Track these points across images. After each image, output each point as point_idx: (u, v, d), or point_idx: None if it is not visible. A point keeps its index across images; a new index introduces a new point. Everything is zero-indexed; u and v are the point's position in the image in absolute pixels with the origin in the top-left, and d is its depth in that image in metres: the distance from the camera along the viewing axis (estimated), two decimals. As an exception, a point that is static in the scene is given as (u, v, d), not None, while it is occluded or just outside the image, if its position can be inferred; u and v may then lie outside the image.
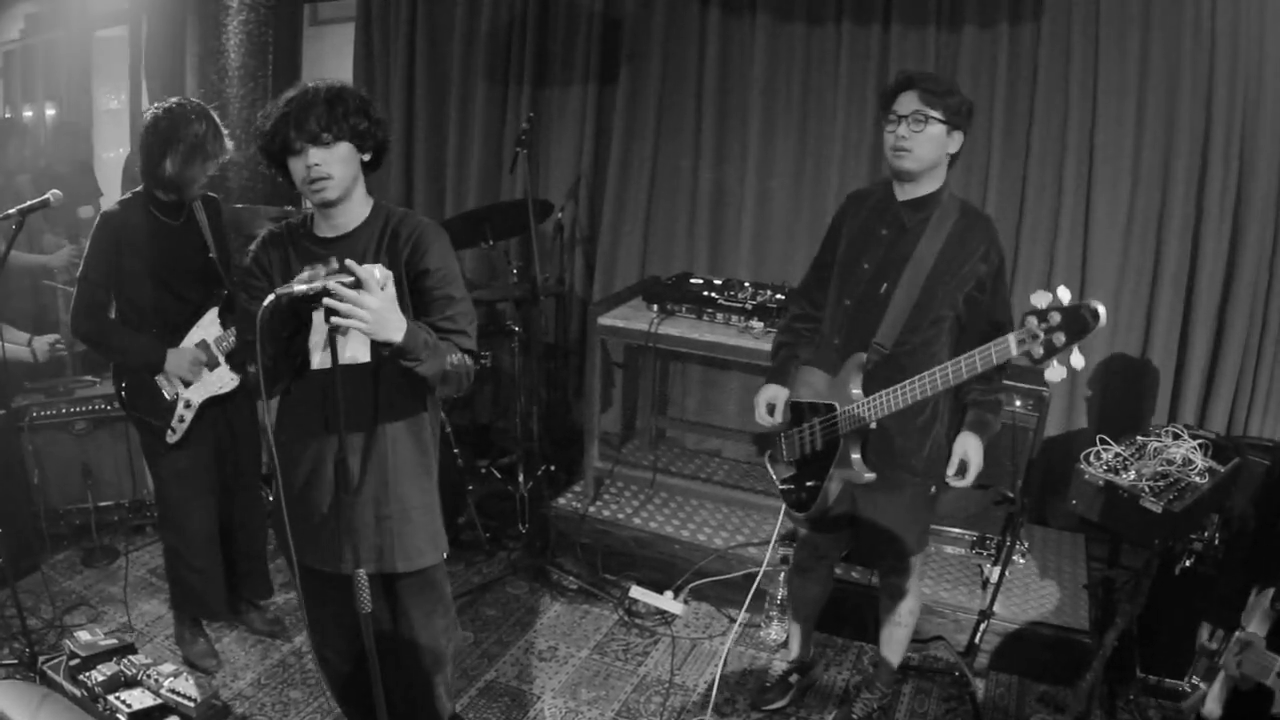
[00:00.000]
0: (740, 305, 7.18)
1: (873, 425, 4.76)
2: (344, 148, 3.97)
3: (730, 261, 8.52)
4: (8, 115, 14.83)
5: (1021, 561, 6.86)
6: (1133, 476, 5.39)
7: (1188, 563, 5.51)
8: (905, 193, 4.77)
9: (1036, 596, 6.51)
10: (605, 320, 7.46)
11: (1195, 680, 5.03)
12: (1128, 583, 5.97)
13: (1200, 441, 5.60)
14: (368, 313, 3.54)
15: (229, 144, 5.50)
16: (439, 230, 4.16)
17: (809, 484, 5.11)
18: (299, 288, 3.55)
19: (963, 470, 4.80)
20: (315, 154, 3.91)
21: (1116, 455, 5.61)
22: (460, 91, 9.34)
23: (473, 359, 4.06)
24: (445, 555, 4.46)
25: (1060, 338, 3.73)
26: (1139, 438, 5.77)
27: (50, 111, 14.19)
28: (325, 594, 4.33)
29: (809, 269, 5.38)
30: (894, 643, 5.54)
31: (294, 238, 4.20)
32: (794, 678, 5.92)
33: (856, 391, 4.76)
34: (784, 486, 5.32)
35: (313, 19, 10.45)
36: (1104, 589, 6.36)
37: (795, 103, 8.10)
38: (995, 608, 5.96)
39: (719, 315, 7.23)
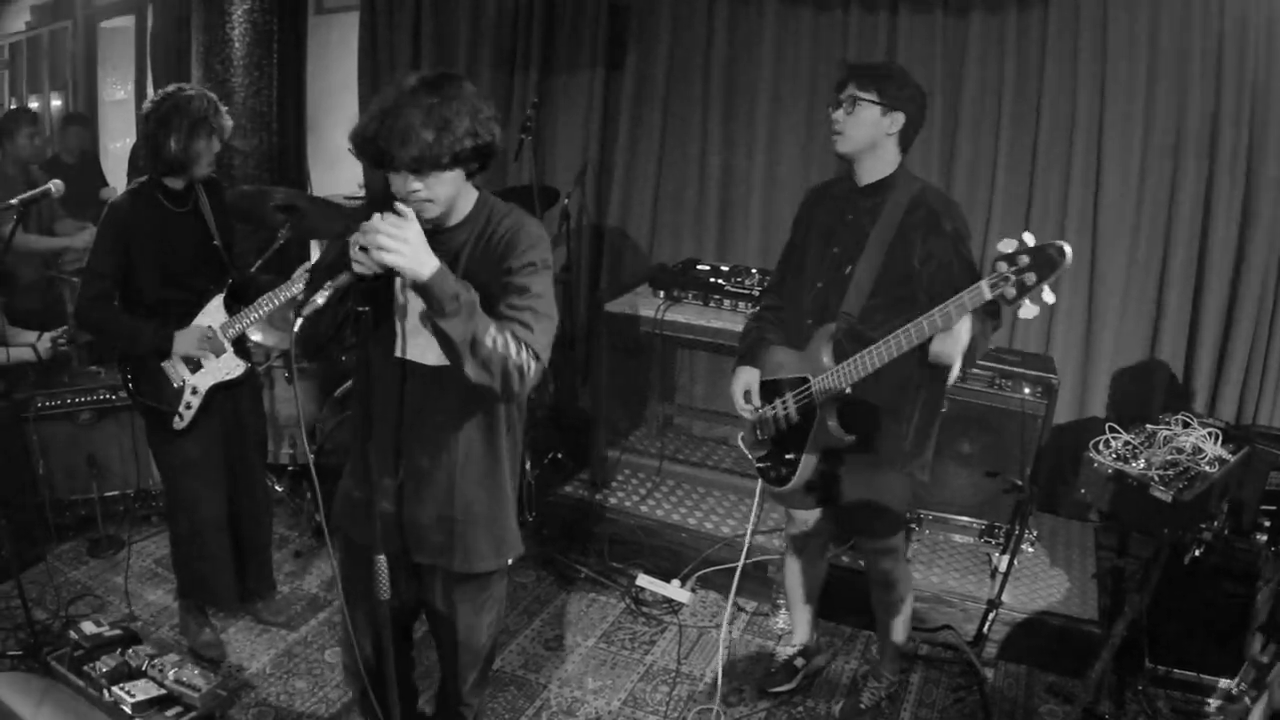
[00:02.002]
0: (747, 292, 7.20)
1: (848, 390, 4.77)
2: (449, 174, 3.66)
3: (737, 248, 8.53)
4: (13, 105, 14.84)
5: (1030, 550, 6.85)
6: (1142, 465, 5.35)
7: (1197, 552, 5.47)
8: (862, 179, 4.94)
9: (1045, 586, 6.49)
10: (612, 307, 7.50)
11: (1242, 686, 5.02)
12: (1137, 572, 5.96)
13: (1210, 430, 5.56)
14: (405, 245, 3.36)
15: (228, 120, 5.48)
16: (538, 229, 3.92)
17: (787, 457, 5.13)
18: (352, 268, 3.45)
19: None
20: (414, 181, 3.62)
21: (1126, 443, 5.58)
22: (466, 79, 9.29)
23: (532, 357, 3.65)
24: (511, 561, 4.31)
25: (1031, 277, 3.83)
26: (1148, 426, 5.73)
27: (56, 102, 14.21)
28: (359, 573, 4.15)
29: (778, 265, 5.54)
30: (893, 631, 5.61)
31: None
32: (799, 661, 5.93)
33: (828, 360, 4.80)
34: (760, 465, 5.36)
35: (318, 8, 10.45)
36: (1113, 578, 6.34)
37: (803, 89, 8.09)
38: (1004, 597, 5.95)
39: (726, 302, 7.25)
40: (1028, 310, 3.91)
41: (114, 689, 4.93)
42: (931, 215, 4.75)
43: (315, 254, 10.20)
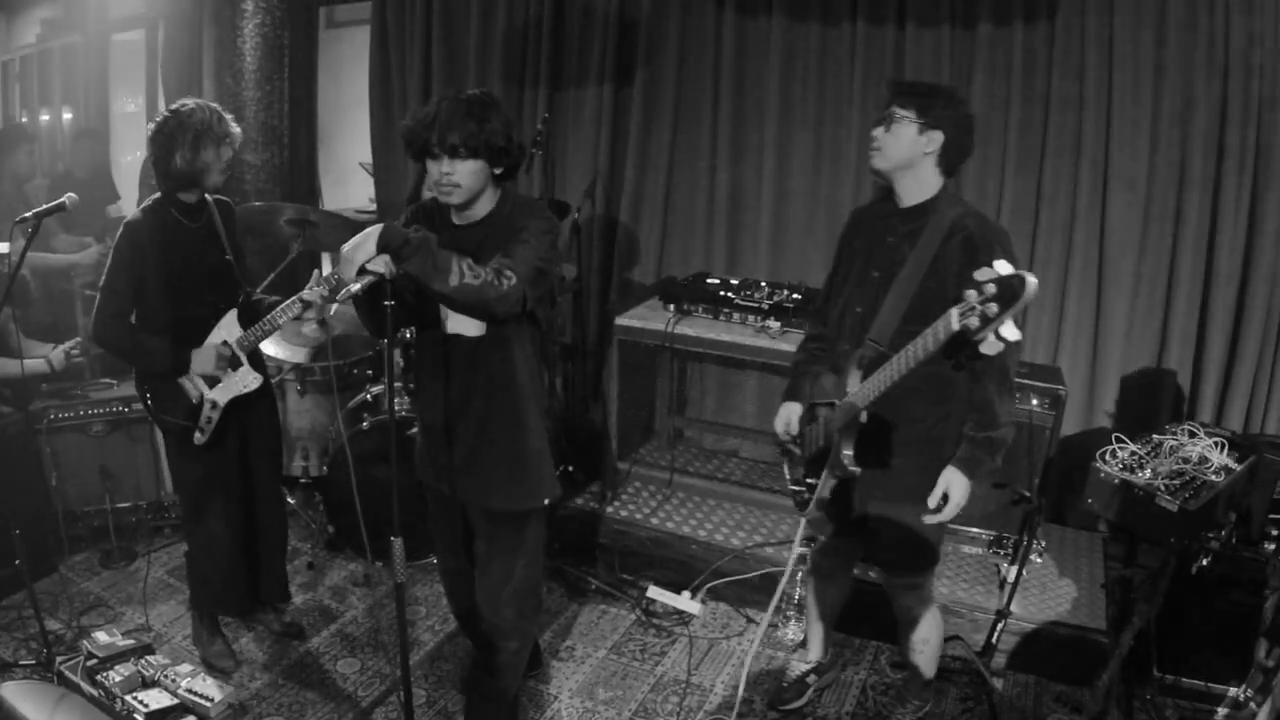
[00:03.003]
0: (757, 305, 7.21)
1: (863, 419, 4.66)
2: (477, 163, 4.42)
3: (747, 261, 8.54)
4: (23, 119, 14.86)
5: (1039, 560, 6.86)
6: (1149, 475, 5.38)
7: (1204, 561, 5.50)
8: (903, 200, 4.83)
9: (1054, 596, 6.50)
10: (623, 320, 7.51)
11: (1249, 693, 5.04)
12: (1145, 582, 5.97)
13: (1217, 439, 5.59)
14: (347, 262, 4.15)
15: (234, 127, 5.52)
16: (545, 217, 4.65)
17: (809, 481, 5.14)
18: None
19: (942, 506, 4.73)
20: (449, 164, 4.40)
21: (1133, 453, 5.61)
22: (476, 93, 9.34)
23: (505, 277, 4.29)
24: (546, 502, 5.03)
25: (993, 308, 3.64)
26: (1155, 436, 5.76)
27: (67, 116, 14.23)
28: (440, 509, 5.18)
29: (822, 289, 5.49)
30: (919, 665, 5.55)
31: (435, 217, 4.73)
32: (811, 678, 5.93)
33: (854, 385, 4.71)
34: (793, 488, 5.32)
35: (329, 22, 10.50)
36: (1121, 588, 6.35)
37: (811, 102, 8.11)
38: (1012, 607, 5.96)
39: (736, 315, 7.27)
40: (989, 345, 3.75)
41: (127, 698, 4.94)
42: (969, 243, 4.58)
43: (327, 267, 10.24)
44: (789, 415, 5.28)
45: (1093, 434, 7.33)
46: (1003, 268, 3.63)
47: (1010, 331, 3.68)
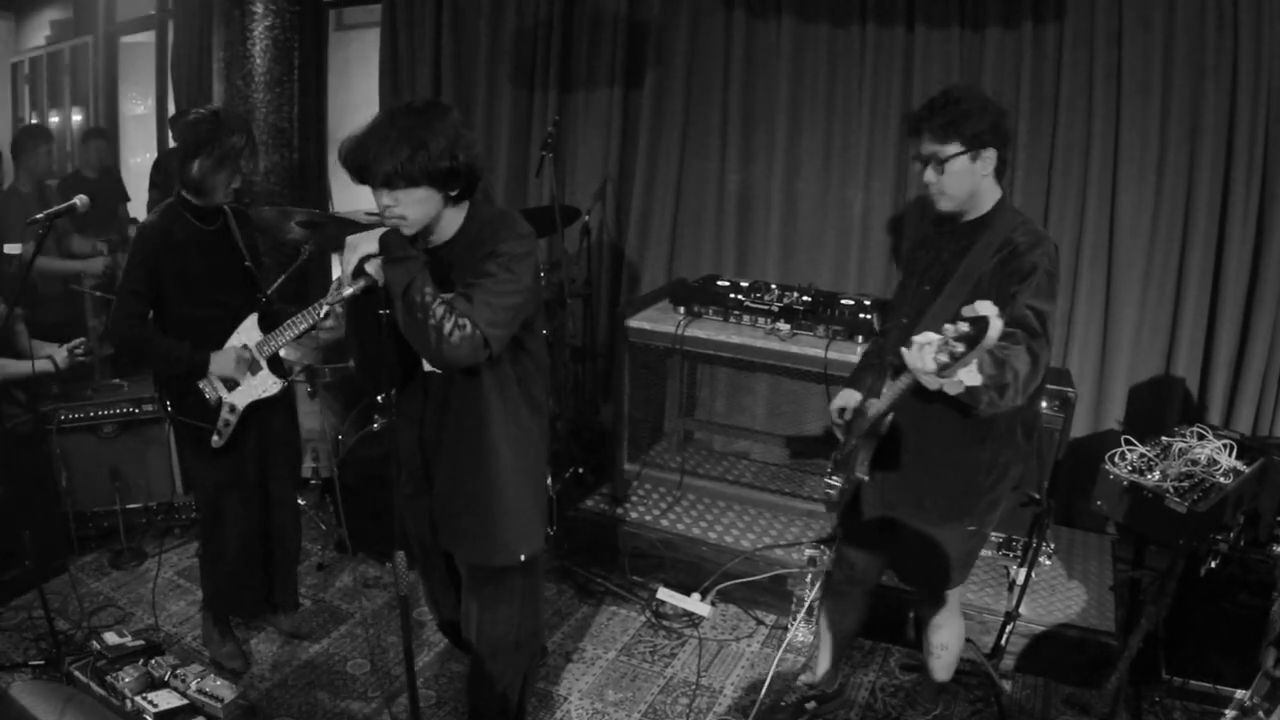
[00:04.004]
0: (767, 307, 7.21)
1: (883, 429, 4.66)
2: (420, 191, 4.01)
3: (757, 263, 8.56)
4: (33, 120, 14.91)
5: (1047, 563, 6.86)
6: (1158, 477, 5.39)
7: (1213, 564, 5.50)
8: (967, 216, 4.67)
9: (1062, 598, 6.50)
10: (633, 322, 7.52)
11: (1255, 699, 5.03)
12: (1153, 584, 5.97)
13: (1225, 442, 5.59)
14: (352, 251, 3.99)
15: (259, 162, 5.53)
16: (514, 228, 4.23)
17: (833, 480, 5.15)
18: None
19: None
20: (389, 195, 4.00)
21: (1142, 456, 5.61)
22: (486, 96, 9.39)
23: (457, 326, 3.94)
24: (522, 558, 4.60)
25: (959, 348, 3.55)
26: (1164, 438, 5.77)
27: (77, 117, 14.27)
28: (422, 551, 4.91)
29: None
30: (934, 670, 5.42)
31: (415, 239, 4.25)
32: (810, 705, 5.79)
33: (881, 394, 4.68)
34: (829, 481, 5.27)
35: (338, 24, 10.52)
36: (1130, 590, 6.36)
37: (821, 104, 8.12)
38: (1021, 609, 5.97)
39: (746, 317, 7.26)
40: (951, 385, 3.77)
41: (137, 699, 4.97)
42: (1012, 258, 4.42)
43: (336, 271, 10.25)
44: (846, 401, 5.08)
45: (1101, 436, 7.33)
46: (982, 307, 3.51)
47: (969, 375, 3.72)
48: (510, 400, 4.42)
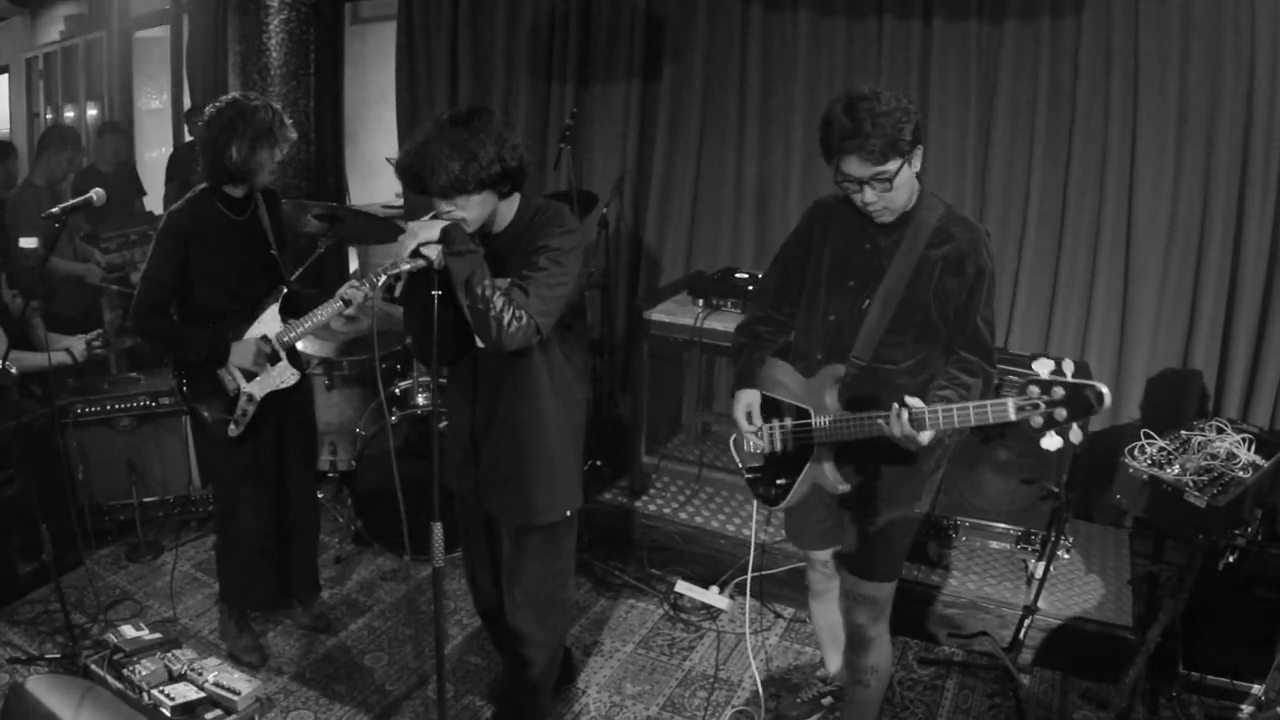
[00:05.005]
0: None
1: (850, 439, 4.49)
2: (477, 196, 4.33)
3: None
4: (48, 116, 14.91)
5: (1066, 557, 6.84)
6: (1177, 471, 5.37)
7: (1231, 558, 5.48)
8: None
9: (1080, 592, 6.50)
10: (651, 315, 7.54)
11: (1271, 694, 5.03)
12: (1171, 578, 5.96)
13: (1244, 436, 5.58)
14: (411, 237, 4.23)
15: (292, 132, 5.52)
16: (564, 222, 4.58)
17: (779, 481, 4.89)
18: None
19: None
20: (449, 203, 4.32)
21: (1161, 450, 5.59)
22: (503, 88, 9.40)
23: (516, 317, 4.28)
24: (567, 514, 4.96)
25: (1061, 413, 3.60)
26: (1183, 432, 5.75)
27: (92, 112, 14.28)
28: (466, 513, 5.18)
29: (770, 269, 5.17)
30: (854, 706, 5.12)
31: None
32: (827, 700, 5.77)
33: (831, 402, 4.55)
34: (750, 476, 5.08)
35: (354, 17, 10.53)
36: (1148, 584, 6.34)
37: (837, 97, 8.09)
38: (1039, 603, 5.96)
39: (764, 310, 7.25)
40: (1051, 441, 3.75)
41: (153, 692, 4.97)
42: (954, 252, 4.32)
43: (354, 263, 10.26)
44: (751, 402, 4.90)
45: (1120, 430, 7.31)
46: (1068, 367, 3.60)
47: (1077, 434, 3.69)
48: (557, 373, 4.76)
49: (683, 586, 6.84)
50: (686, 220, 8.97)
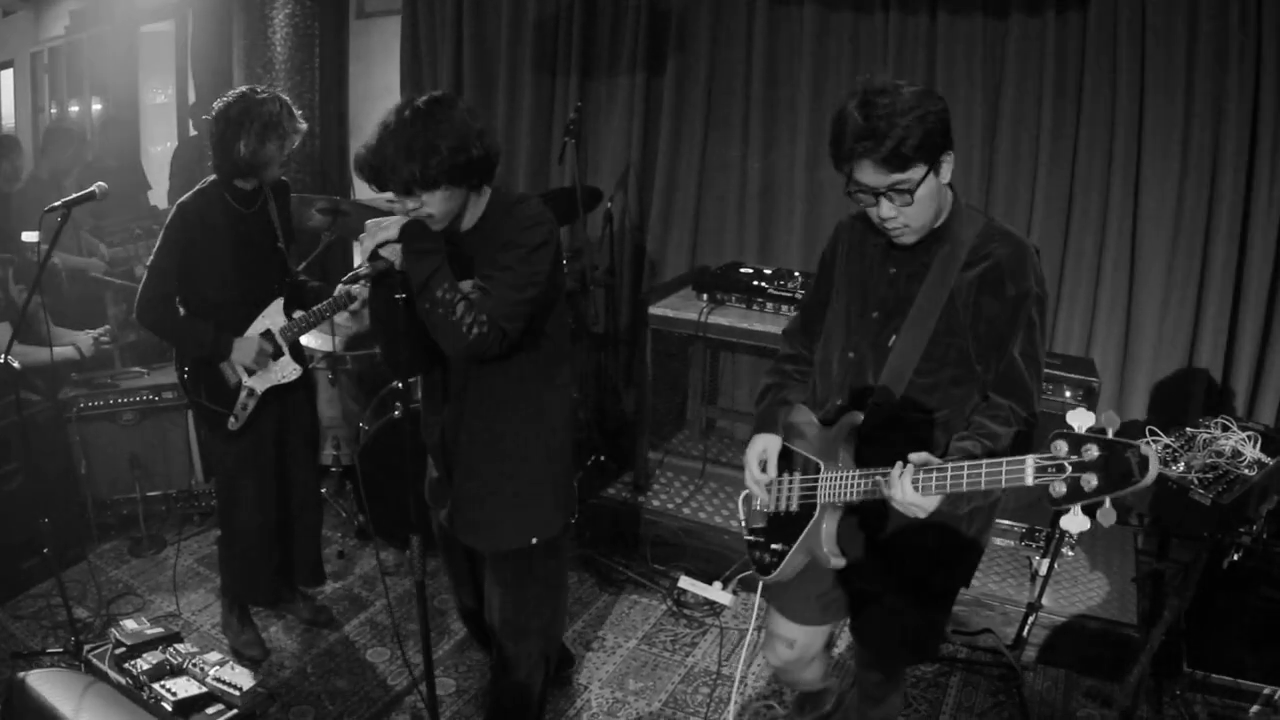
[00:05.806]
0: (790, 295, 7.22)
1: (854, 500, 3.77)
2: (441, 191, 4.03)
3: (780, 251, 8.55)
4: (53, 110, 14.92)
5: (1070, 554, 6.84)
6: (1182, 468, 5.35)
7: (1236, 556, 5.47)
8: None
9: (1085, 589, 6.49)
10: (656, 309, 7.55)
11: None
12: (1176, 576, 5.95)
13: (1249, 433, 5.56)
14: (369, 238, 4.12)
15: (302, 123, 5.50)
16: (537, 224, 4.22)
17: (774, 547, 4.23)
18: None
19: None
20: (412, 200, 4.05)
21: (1166, 447, 5.58)
22: (508, 82, 9.38)
23: (477, 322, 3.96)
24: (534, 542, 4.59)
25: (1091, 482, 2.77)
26: (1188, 429, 5.73)
27: (97, 106, 14.29)
28: (446, 538, 4.91)
29: (801, 307, 4.57)
30: None
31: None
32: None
33: (845, 457, 3.82)
34: (750, 538, 4.41)
35: (359, 11, 10.49)
36: (1152, 582, 6.33)
37: (843, 92, 8.04)
38: (1044, 600, 5.96)
39: (769, 305, 7.28)
40: (1073, 521, 2.89)
41: (155, 686, 4.96)
42: (993, 271, 3.69)
43: (358, 258, 10.25)
44: (767, 448, 4.25)
45: (1125, 427, 7.26)
46: (1110, 419, 2.81)
47: (1107, 516, 2.78)
48: (529, 385, 4.44)
49: (686, 582, 6.82)
50: (691, 215, 8.95)
